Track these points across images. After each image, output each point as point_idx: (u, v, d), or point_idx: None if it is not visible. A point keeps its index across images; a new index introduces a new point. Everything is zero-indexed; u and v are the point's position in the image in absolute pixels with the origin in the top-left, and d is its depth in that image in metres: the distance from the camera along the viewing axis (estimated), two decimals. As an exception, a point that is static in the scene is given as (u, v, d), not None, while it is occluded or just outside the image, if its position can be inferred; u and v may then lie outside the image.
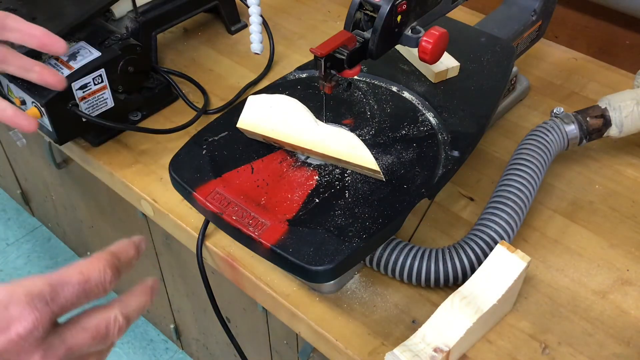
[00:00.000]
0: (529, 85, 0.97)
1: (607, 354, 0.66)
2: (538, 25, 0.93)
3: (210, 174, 0.69)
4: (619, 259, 0.75)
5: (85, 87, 0.81)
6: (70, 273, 0.38)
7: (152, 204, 0.83)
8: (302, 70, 0.83)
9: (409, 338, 0.62)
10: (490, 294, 0.63)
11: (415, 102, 0.78)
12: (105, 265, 0.40)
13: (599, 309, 0.70)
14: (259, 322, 0.98)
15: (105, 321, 0.40)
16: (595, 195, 0.82)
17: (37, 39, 0.67)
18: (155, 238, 1.10)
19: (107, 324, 0.40)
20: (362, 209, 0.65)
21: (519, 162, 0.75)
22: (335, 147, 0.66)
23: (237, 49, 1.06)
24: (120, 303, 0.42)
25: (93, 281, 0.39)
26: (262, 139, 0.72)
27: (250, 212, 0.65)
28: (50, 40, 0.68)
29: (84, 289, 0.39)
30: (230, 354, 1.22)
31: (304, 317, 0.69)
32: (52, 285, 0.37)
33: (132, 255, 0.43)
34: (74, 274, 0.38)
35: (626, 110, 0.80)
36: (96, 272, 0.39)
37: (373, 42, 0.65)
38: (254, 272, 0.73)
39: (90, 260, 0.40)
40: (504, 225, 0.69)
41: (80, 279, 0.39)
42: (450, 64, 0.81)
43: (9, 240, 1.92)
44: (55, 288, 0.37)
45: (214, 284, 0.79)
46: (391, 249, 0.69)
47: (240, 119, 0.71)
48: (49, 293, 0.37)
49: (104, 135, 0.89)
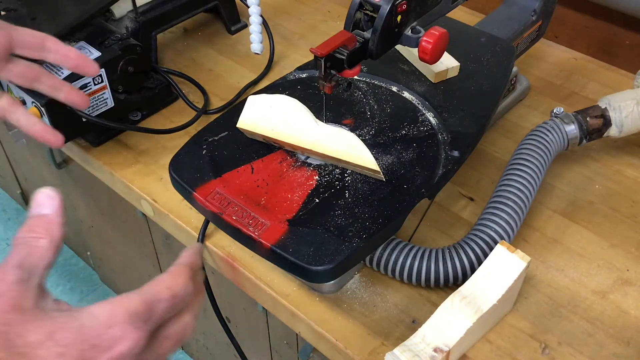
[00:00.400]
0: (529, 85, 0.97)
1: (607, 354, 0.66)
2: (538, 25, 0.93)
3: (210, 174, 0.69)
4: (619, 259, 0.75)
5: (85, 87, 0.81)
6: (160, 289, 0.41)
7: (152, 204, 0.83)
8: (302, 70, 0.83)
9: (409, 338, 0.61)
10: (490, 294, 0.63)
11: (415, 102, 0.78)
12: (187, 279, 0.43)
13: (599, 309, 0.70)
14: (259, 322, 0.98)
15: (182, 327, 0.43)
16: (595, 195, 0.82)
17: (72, 61, 0.70)
18: (155, 238, 1.10)
19: (184, 329, 0.43)
20: (362, 209, 0.65)
21: (519, 162, 0.75)
22: (335, 147, 0.66)
23: (237, 49, 1.06)
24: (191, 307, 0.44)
25: (179, 296, 0.42)
26: (262, 139, 0.72)
27: (250, 212, 0.65)
28: (83, 63, 0.71)
29: (172, 304, 0.41)
30: (230, 354, 1.22)
31: (304, 317, 0.69)
32: (147, 303, 0.39)
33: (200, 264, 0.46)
34: (163, 290, 0.41)
35: (626, 110, 0.80)
36: (181, 286, 0.42)
37: (373, 42, 0.65)
38: (254, 272, 0.73)
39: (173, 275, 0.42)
40: (504, 225, 0.69)
41: (169, 294, 0.41)
42: (450, 64, 0.81)
43: (9, 240, 1.92)
44: (151, 306, 0.39)
45: (214, 284, 0.79)
46: (391, 249, 0.69)
47: (240, 119, 0.71)
48: (146, 312, 0.39)
49: (104, 135, 0.89)
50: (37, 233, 0.39)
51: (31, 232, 0.39)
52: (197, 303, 0.45)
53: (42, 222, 0.40)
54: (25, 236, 0.39)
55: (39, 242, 0.39)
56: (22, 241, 0.39)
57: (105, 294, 1.65)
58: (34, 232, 0.39)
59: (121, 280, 1.50)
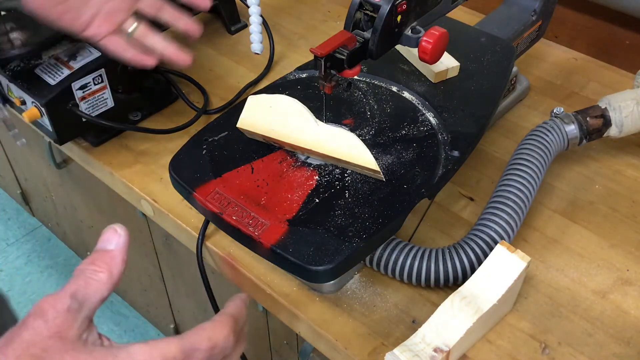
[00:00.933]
0: (529, 85, 0.97)
1: (607, 354, 0.66)
2: (538, 25, 0.93)
3: (210, 174, 0.69)
4: (619, 259, 0.75)
5: (85, 87, 0.81)
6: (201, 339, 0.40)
7: (152, 204, 0.83)
8: (302, 70, 0.83)
9: (409, 338, 0.61)
10: (490, 294, 0.63)
11: (415, 102, 0.78)
12: (230, 332, 0.42)
13: (599, 309, 0.70)
14: (259, 322, 0.98)
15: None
16: (595, 195, 0.82)
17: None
18: (155, 238, 1.10)
19: None
20: (362, 209, 0.65)
21: (519, 162, 0.74)
22: (335, 147, 0.66)
23: (237, 49, 1.06)
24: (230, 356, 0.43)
25: (219, 348, 0.41)
26: (262, 139, 0.72)
27: (250, 212, 0.65)
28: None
29: (210, 355, 0.41)
30: (230, 354, 1.22)
31: (304, 317, 0.69)
32: (185, 351, 0.39)
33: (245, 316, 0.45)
34: (203, 340, 0.40)
35: (626, 110, 0.80)
36: (222, 338, 0.41)
37: (373, 42, 0.65)
38: (254, 272, 0.73)
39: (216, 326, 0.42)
40: (504, 225, 0.69)
41: (209, 345, 0.40)
42: (450, 64, 0.81)
43: (9, 240, 1.92)
44: (188, 354, 0.39)
45: (214, 284, 0.79)
46: (391, 249, 0.69)
47: (240, 119, 0.71)
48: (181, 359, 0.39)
49: (104, 135, 0.89)
50: (97, 266, 0.40)
51: (92, 265, 0.40)
52: (236, 354, 0.45)
53: (104, 257, 0.40)
54: (86, 268, 0.40)
55: (97, 275, 0.39)
56: (81, 273, 0.39)
57: (105, 294, 1.65)
58: (94, 265, 0.40)
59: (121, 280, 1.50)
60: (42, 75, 0.80)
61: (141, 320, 1.69)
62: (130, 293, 1.50)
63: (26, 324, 0.37)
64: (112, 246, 0.41)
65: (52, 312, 0.37)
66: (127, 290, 1.51)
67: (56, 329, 0.37)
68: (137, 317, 1.71)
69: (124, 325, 1.72)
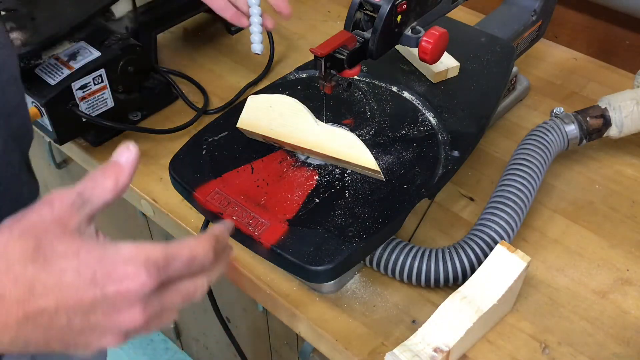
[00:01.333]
0: (529, 85, 0.97)
1: (607, 354, 0.66)
2: (538, 25, 0.93)
3: (210, 174, 0.69)
4: (619, 259, 0.75)
5: (85, 87, 0.81)
6: (182, 250, 0.44)
7: (152, 204, 0.83)
8: (302, 70, 0.83)
9: (409, 338, 0.61)
10: (490, 294, 0.63)
11: (415, 102, 0.78)
12: (210, 249, 0.45)
13: (599, 309, 0.70)
14: (259, 322, 0.98)
15: (194, 287, 0.46)
16: (595, 195, 0.82)
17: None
18: (155, 238, 1.10)
19: (195, 289, 0.46)
20: (362, 209, 0.65)
21: (519, 162, 0.74)
22: (336, 147, 0.66)
23: (237, 49, 1.06)
24: (208, 272, 0.47)
25: (198, 261, 0.45)
26: (262, 139, 0.72)
27: (250, 212, 0.65)
28: None
29: (189, 266, 0.44)
30: (230, 354, 1.22)
31: (304, 317, 0.69)
32: (166, 257, 0.43)
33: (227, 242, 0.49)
34: (185, 250, 0.44)
35: (626, 110, 0.80)
36: (203, 253, 0.45)
37: (373, 42, 0.65)
38: (254, 272, 0.73)
39: (199, 241, 0.45)
40: (504, 225, 0.69)
41: (189, 257, 0.44)
42: (450, 64, 0.81)
43: (9, 240, 1.92)
44: (168, 260, 0.43)
45: (214, 284, 0.79)
46: (391, 249, 0.69)
47: (240, 119, 0.71)
48: (163, 263, 0.42)
49: (104, 135, 0.89)
50: (106, 174, 0.44)
51: (102, 172, 0.44)
52: (215, 272, 0.48)
53: (114, 167, 0.45)
54: (96, 174, 0.44)
55: (104, 182, 0.44)
56: (92, 177, 0.44)
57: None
58: (103, 173, 0.44)
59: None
60: (42, 75, 0.80)
61: (141, 320, 1.69)
62: (130, 293, 1.50)
63: (35, 208, 0.42)
64: (123, 160, 0.45)
65: (58, 203, 0.42)
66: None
67: (59, 217, 0.42)
68: (137, 317, 1.71)
69: (124, 325, 1.71)
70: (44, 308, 0.40)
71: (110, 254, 0.41)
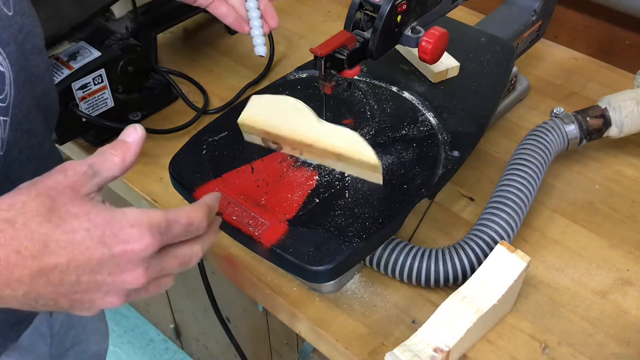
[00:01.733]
0: (529, 85, 0.97)
1: (607, 354, 0.66)
2: (538, 25, 0.93)
3: (210, 174, 0.69)
4: (619, 259, 0.75)
5: (85, 87, 0.81)
6: (181, 215, 0.47)
7: (152, 204, 0.83)
8: (302, 70, 0.83)
9: (409, 338, 0.61)
10: (490, 294, 0.63)
11: (415, 102, 0.78)
12: (204, 216, 0.49)
13: (599, 309, 0.70)
14: (259, 322, 0.98)
15: (190, 252, 0.49)
16: (595, 195, 0.82)
17: None
18: (155, 238, 1.10)
19: (191, 255, 0.49)
20: (362, 209, 0.65)
21: (519, 162, 0.74)
22: (337, 143, 0.66)
23: (237, 49, 1.06)
24: (202, 240, 0.50)
25: (194, 226, 0.48)
26: (261, 140, 0.72)
27: (250, 212, 0.65)
28: None
29: (186, 230, 0.48)
30: (230, 354, 1.22)
31: (304, 317, 0.69)
32: (167, 221, 0.46)
33: (216, 209, 0.53)
34: (183, 216, 0.47)
35: (626, 110, 0.80)
36: (198, 219, 0.48)
37: (373, 42, 0.65)
38: (254, 272, 0.73)
39: (195, 208, 0.49)
40: (504, 225, 0.69)
41: (187, 222, 0.48)
42: (450, 64, 0.81)
43: (9, 240, 1.92)
44: (169, 224, 0.46)
45: (214, 284, 0.79)
46: (391, 249, 0.69)
47: (241, 116, 0.71)
48: (164, 227, 0.46)
49: (104, 135, 0.89)
50: (115, 151, 0.48)
51: (111, 149, 0.48)
52: (208, 239, 0.51)
53: (122, 145, 0.49)
54: (105, 149, 0.48)
55: (112, 157, 0.48)
56: (102, 152, 0.48)
57: (105, 294, 1.65)
58: (112, 149, 0.48)
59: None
60: (42, 75, 0.80)
61: (141, 320, 1.69)
62: (130, 293, 1.50)
63: (50, 174, 0.46)
64: (130, 139, 0.49)
65: (71, 171, 0.46)
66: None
67: (72, 183, 0.45)
68: (137, 317, 1.71)
69: (124, 325, 1.72)
70: (57, 264, 0.42)
71: (117, 217, 0.45)
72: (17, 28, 0.55)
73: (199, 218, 0.49)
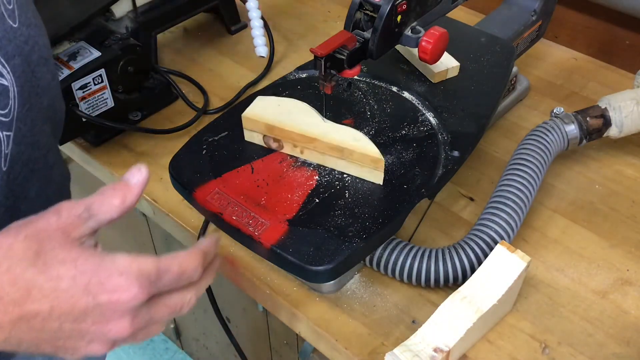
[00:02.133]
0: (529, 85, 0.97)
1: (607, 354, 0.66)
2: (538, 25, 0.93)
3: (210, 174, 0.69)
4: (619, 259, 0.75)
5: (85, 87, 0.81)
6: (173, 263, 0.45)
7: (152, 204, 0.83)
8: (302, 70, 0.83)
9: (409, 338, 0.61)
10: (490, 294, 0.63)
11: (415, 102, 0.78)
12: (199, 264, 0.47)
13: (599, 309, 0.70)
14: (259, 322, 0.98)
15: (182, 301, 0.47)
16: (595, 195, 0.82)
17: None
18: (155, 238, 1.10)
19: (182, 304, 0.47)
20: (362, 208, 0.65)
21: (519, 162, 0.75)
22: (340, 139, 0.66)
23: (237, 49, 1.06)
24: (196, 287, 0.48)
25: (186, 275, 0.46)
26: (262, 139, 0.72)
27: (250, 212, 0.65)
28: None
29: (178, 280, 0.46)
30: (230, 354, 1.22)
31: (304, 317, 0.69)
32: (158, 270, 0.44)
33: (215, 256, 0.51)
34: (175, 264, 0.45)
35: (626, 110, 0.80)
36: (192, 267, 0.47)
37: (373, 42, 0.65)
38: (254, 272, 0.73)
39: (189, 255, 0.47)
40: (504, 225, 0.69)
41: (179, 271, 0.46)
42: (450, 64, 0.81)
43: (9, 240, 1.92)
44: (160, 273, 0.44)
45: (214, 284, 0.79)
46: (391, 249, 0.69)
47: (245, 111, 0.71)
48: (154, 276, 0.44)
49: (104, 135, 0.89)
50: (115, 192, 0.46)
51: (112, 189, 0.47)
52: (202, 286, 0.49)
53: (123, 186, 0.47)
54: (106, 190, 0.47)
55: (112, 199, 0.46)
56: (102, 192, 0.46)
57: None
58: (113, 190, 0.46)
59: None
60: (42, 75, 0.80)
61: (141, 320, 1.69)
62: (130, 293, 1.50)
63: (44, 215, 0.44)
64: (134, 180, 0.47)
65: (65, 213, 0.44)
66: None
67: (64, 226, 0.44)
68: (137, 317, 1.71)
69: (124, 325, 1.71)
70: (39, 311, 0.41)
71: (106, 263, 0.43)
72: (23, 40, 0.53)
73: (193, 266, 0.47)
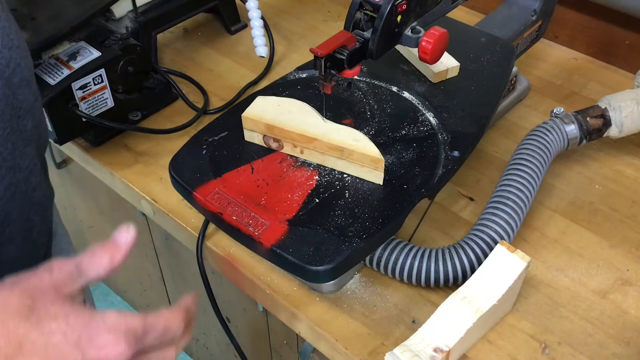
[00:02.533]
0: (529, 85, 0.97)
1: (607, 354, 0.66)
2: (538, 25, 0.93)
3: (210, 174, 0.69)
4: (619, 259, 0.75)
5: (85, 87, 0.81)
6: (158, 321, 0.47)
7: (152, 204, 0.83)
8: (302, 70, 0.83)
9: (409, 338, 0.61)
10: (490, 294, 0.63)
11: (415, 102, 0.78)
12: (182, 321, 0.49)
13: (599, 309, 0.70)
14: (259, 322, 0.98)
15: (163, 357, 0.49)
16: (595, 195, 0.82)
17: None
18: (155, 238, 1.10)
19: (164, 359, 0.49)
20: (362, 209, 0.65)
21: (519, 162, 0.75)
22: (340, 139, 0.66)
23: (237, 49, 1.06)
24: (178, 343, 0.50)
25: (170, 332, 0.48)
26: (262, 139, 0.72)
27: (250, 212, 0.65)
28: None
29: (162, 336, 0.48)
30: (230, 354, 1.22)
31: (304, 317, 0.69)
32: (145, 327, 0.46)
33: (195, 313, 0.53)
34: (160, 322, 0.47)
35: (626, 110, 0.80)
36: (175, 325, 0.48)
37: (373, 42, 0.65)
38: (254, 272, 0.73)
39: (173, 314, 0.49)
40: (504, 225, 0.69)
41: (163, 328, 0.47)
42: (450, 64, 0.81)
43: (9, 240, 1.92)
44: (146, 330, 0.46)
45: (214, 284, 0.79)
46: (391, 249, 0.69)
47: (246, 111, 0.71)
48: (140, 333, 0.45)
49: (104, 135, 0.89)
50: (104, 251, 0.48)
51: (101, 249, 0.48)
52: (182, 342, 0.51)
53: (112, 246, 0.49)
54: (96, 249, 0.48)
55: (101, 259, 0.48)
56: (92, 251, 0.48)
57: (105, 293, 1.65)
58: (102, 249, 0.48)
59: (121, 280, 1.50)
60: (42, 75, 0.80)
61: (141, 320, 1.69)
62: (130, 293, 1.50)
63: (36, 272, 0.46)
64: (122, 240, 0.49)
65: (57, 270, 0.46)
66: (127, 290, 1.51)
67: (55, 283, 0.45)
68: (137, 317, 1.71)
69: (124, 325, 1.71)
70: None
71: (96, 320, 0.45)
72: (4, 63, 0.53)
73: (176, 324, 0.49)
